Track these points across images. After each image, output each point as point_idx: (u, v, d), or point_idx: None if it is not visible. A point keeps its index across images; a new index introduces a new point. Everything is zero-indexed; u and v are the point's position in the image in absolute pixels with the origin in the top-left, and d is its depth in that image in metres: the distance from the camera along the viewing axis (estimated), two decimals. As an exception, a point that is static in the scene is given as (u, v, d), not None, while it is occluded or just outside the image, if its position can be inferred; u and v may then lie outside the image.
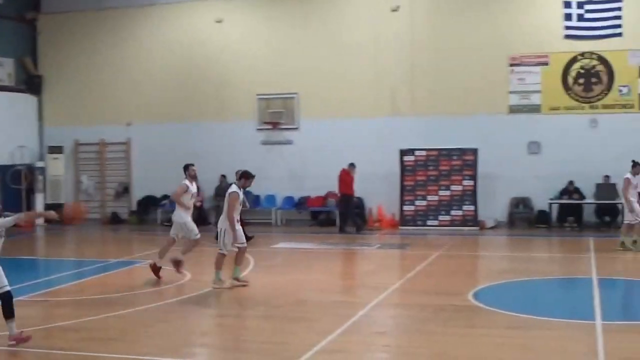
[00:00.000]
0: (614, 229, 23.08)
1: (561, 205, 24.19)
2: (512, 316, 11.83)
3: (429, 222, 25.10)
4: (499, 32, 24.87)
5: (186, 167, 15.92)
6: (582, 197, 23.83)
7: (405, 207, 25.44)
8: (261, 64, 27.14)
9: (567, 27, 24.04)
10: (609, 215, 23.73)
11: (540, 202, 24.46)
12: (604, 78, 24.21)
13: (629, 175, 18.92)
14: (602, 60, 24.21)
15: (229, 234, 14.35)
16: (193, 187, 15.79)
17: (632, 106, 23.97)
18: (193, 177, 15.87)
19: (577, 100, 24.40)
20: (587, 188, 23.80)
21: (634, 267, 17.51)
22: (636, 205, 18.82)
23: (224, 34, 27.55)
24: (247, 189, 15.35)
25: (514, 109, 24.85)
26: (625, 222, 19.28)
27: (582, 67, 24.37)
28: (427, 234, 23.86)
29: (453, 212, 24.98)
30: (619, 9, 23.51)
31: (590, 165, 23.70)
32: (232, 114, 27.42)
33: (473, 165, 24.81)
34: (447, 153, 25.13)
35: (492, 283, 14.92)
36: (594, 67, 24.29)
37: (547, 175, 24.11)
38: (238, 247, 14.52)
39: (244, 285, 14.54)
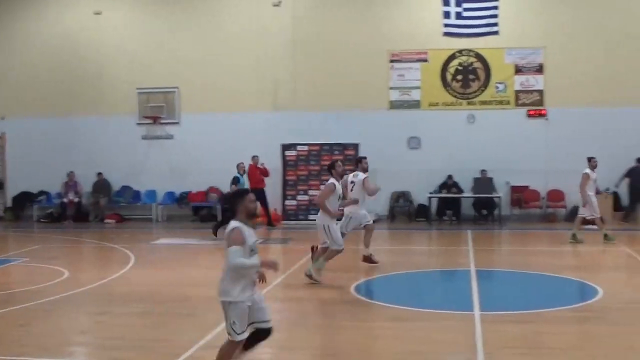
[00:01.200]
0: (491, 221, 23.74)
1: (440, 199, 24.68)
2: (394, 308, 11.97)
3: (311, 217, 25.16)
4: (379, 28, 25.17)
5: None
6: (461, 191, 24.38)
7: (288, 202, 25.49)
8: (141, 57, 26.66)
9: (446, 25, 24.51)
10: (486, 208, 24.33)
11: (420, 196, 24.90)
12: (481, 75, 24.82)
13: (587, 171, 19.14)
14: (480, 57, 24.82)
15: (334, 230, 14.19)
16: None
17: (508, 102, 24.66)
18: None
19: (455, 96, 24.94)
20: (465, 182, 24.37)
21: (510, 259, 18.00)
22: (594, 199, 19.18)
23: (103, 26, 26.93)
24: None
25: (395, 105, 25.21)
26: (579, 215, 19.45)
27: (460, 64, 24.92)
28: (310, 228, 23.91)
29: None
30: (496, 7, 24.11)
31: (468, 160, 24.27)
32: (111, 108, 26.83)
33: (354, 160, 25.01)
34: (329, 148, 25.30)
35: (374, 276, 15.07)
36: (471, 64, 24.87)
37: (427, 170, 24.57)
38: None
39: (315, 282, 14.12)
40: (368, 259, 15.93)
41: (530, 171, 24.16)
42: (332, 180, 14.26)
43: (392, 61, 25.15)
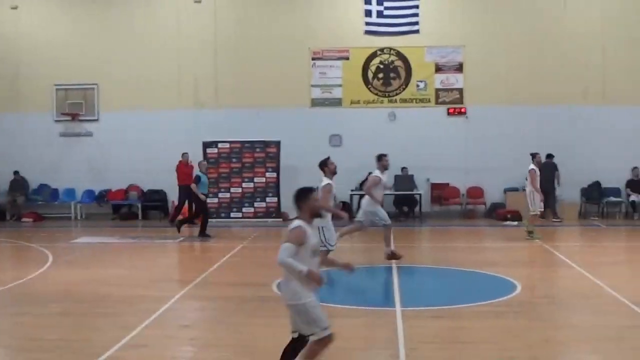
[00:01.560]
0: (412, 218, 23.98)
1: (361, 196, 24.77)
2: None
3: (233, 215, 25.12)
4: (301, 25, 25.21)
5: (379, 158, 16.03)
6: (382, 188, 24.53)
7: (209, 200, 25.29)
8: (59, 53, 26.15)
9: (367, 23, 24.71)
10: (407, 205, 24.58)
11: (342, 194, 24.97)
12: (402, 73, 25.06)
13: (533, 167, 19.34)
14: (401, 56, 25.05)
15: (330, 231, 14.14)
16: (384, 178, 15.98)
17: (428, 100, 24.96)
18: (385, 167, 15.97)
19: (376, 94, 25.13)
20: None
21: (431, 255, 18.23)
22: (538, 195, 19.44)
23: (20, 21, 26.34)
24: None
25: (316, 102, 25.28)
26: (531, 213, 19.62)
27: (381, 63, 25.12)
28: (231, 226, 23.85)
29: (256, 204, 25.13)
30: (417, 6, 24.43)
31: (388, 157, 24.38)
32: (28, 104, 26.26)
33: (276, 158, 25.04)
34: (251, 145, 25.23)
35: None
36: (392, 62, 25.09)
37: (348, 167, 24.56)
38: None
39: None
40: (392, 255, 15.89)
41: (450, 168, 24.50)
42: (326, 180, 14.13)
43: (314, 59, 25.22)
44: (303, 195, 7.87)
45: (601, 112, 24.11)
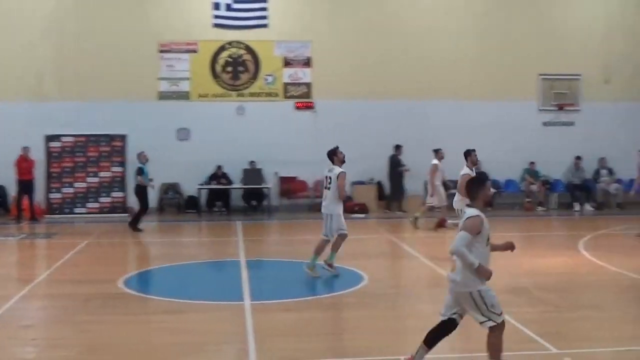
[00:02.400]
0: (261, 212, 24.01)
1: (210, 191, 24.67)
2: (165, 301, 11.84)
3: (77, 210, 24.45)
4: (149, 17, 24.74)
5: (468, 153, 15.50)
6: (230, 182, 24.49)
7: (52, 195, 24.55)
8: None
9: (216, 16, 24.55)
10: (255, 199, 24.60)
11: (190, 188, 24.78)
12: (251, 67, 25.03)
13: (435, 162, 19.90)
14: (249, 49, 25.01)
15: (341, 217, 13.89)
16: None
17: (277, 95, 25.04)
18: (474, 163, 15.42)
19: (225, 88, 24.99)
20: (235, 173, 24.50)
21: (280, 248, 18.30)
22: (442, 189, 19.91)
23: None
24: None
25: (164, 96, 24.89)
26: (427, 204, 20.30)
27: (230, 56, 25.00)
28: (75, 222, 23.20)
29: (102, 199, 24.56)
30: (265, 0, 24.45)
31: (237, 151, 24.40)
32: None
33: (122, 152, 24.54)
34: (96, 139, 24.62)
35: (144, 269, 14.84)
36: (241, 56, 25.01)
37: (196, 161, 24.46)
38: (340, 234, 13.89)
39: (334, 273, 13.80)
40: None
41: (299, 162, 24.65)
42: (340, 169, 14.19)
43: (161, 51, 24.81)
44: (479, 182, 7.79)
45: (448, 107, 24.84)
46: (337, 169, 14.16)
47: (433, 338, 8.06)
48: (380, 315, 11.18)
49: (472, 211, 7.63)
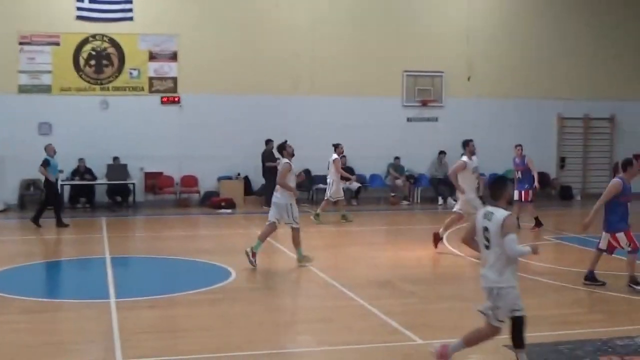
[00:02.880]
0: (126, 208, 23.58)
1: (73, 186, 24.03)
2: (28, 300, 11.48)
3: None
4: (8, 8, 23.81)
5: (466, 143, 15.84)
6: (94, 177, 23.93)
7: None
8: None
9: (79, 9, 23.91)
10: (120, 195, 24.13)
11: (52, 183, 24.05)
12: (115, 60, 24.52)
13: (336, 156, 20.31)
14: (114, 43, 24.48)
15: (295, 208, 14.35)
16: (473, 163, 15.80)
17: (142, 89, 24.62)
18: (472, 153, 15.73)
19: (88, 81, 24.37)
20: (99, 169, 23.94)
21: (146, 245, 18.03)
22: (337, 185, 20.26)
23: None
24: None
25: (24, 89, 24.05)
26: (326, 198, 20.75)
27: (93, 49, 24.40)
28: None
29: (-42, 195, 23.61)
30: (130, -7, 24.01)
31: (101, 147, 23.87)
32: None
33: (-20, 146, 23.63)
34: (-48, 133, 23.61)
35: (4, 268, 14.32)
36: (105, 49, 24.45)
37: (58, 156, 23.73)
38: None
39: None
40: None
41: (164, 157, 24.35)
42: (285, 160, 14.33)
43: (21, 43, 23.96)
44: (502, 184, 8.27)
45: (310, 102, 25.04)
46: (283, 161, 14.53)
47: (519, 337, 8.28)
48: (248, 310, 11.19)
49: (503, 211, 8.03)
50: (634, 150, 27.52)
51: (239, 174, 24.73)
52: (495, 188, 8.27)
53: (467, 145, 15.87)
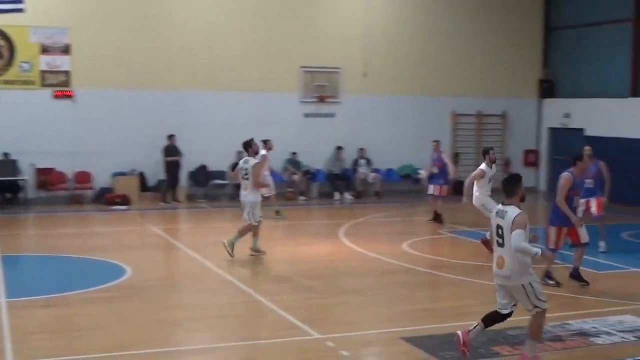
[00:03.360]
0: (17, 205, 22.92)
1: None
2: None
3: None
4: None
5: (486, 152, 16.27)
6: (-19, 174, 23.17)
7: None
8: None
9: (-33, -1, 23.09)
10: (10, 192, 23.44)
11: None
12: (6, 53, 23.77)
13: (264, 152, 19.66)
14: (3, 35, 23.73)
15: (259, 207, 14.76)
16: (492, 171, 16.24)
17: (33, 82, 23.92)
18: (492, 162, 16.12)
19: (-28, 74, 23.57)
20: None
21: (38, 242, 17.60)
22: (270, 178, 20.28)
23: None
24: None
25: None
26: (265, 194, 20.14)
27: (-17, 41, 23.62)
28: None
29: None
30: (20, -17, 23.29)
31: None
32: None
33: None
34: None
35: None
36: (-6, 41, 23.71)
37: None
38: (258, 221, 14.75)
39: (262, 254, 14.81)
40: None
41: (57, 153, 23.72)
42: (254, 159, 14.87)
43: None
44: (517, 181, 8.55)
45: (208, 97, 24.82)
46: (252, 161, 14.80)
47: (492, 321, 8.76)
48: (145, 308, 11.05)
49: (515, 209, 8.33)
50: (525, 146, 28.45)
51: (134, 170, 24.34)
52: (509, 186, 8.52)
53: (488, 154, 16.18)
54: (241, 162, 15.08)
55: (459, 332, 8.73)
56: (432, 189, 19.87)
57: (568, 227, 12.32)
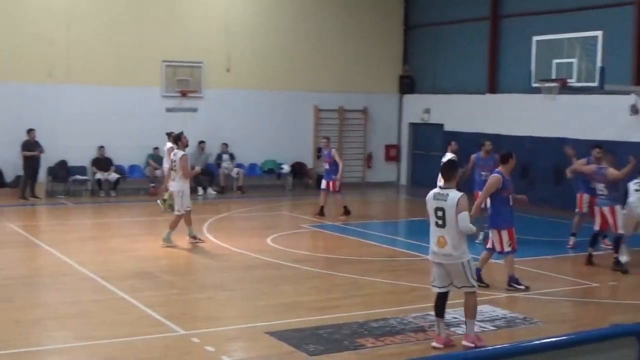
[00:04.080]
0: None
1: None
2: None
3: None
4: None
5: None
6: None
7: None
8: None
9: None
10: None
11: None
12: None
13: (169, 145, 19.88)
14: None
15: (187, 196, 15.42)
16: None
17: None
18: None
19: None
20: None
21: None
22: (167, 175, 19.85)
23: None
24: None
25: None
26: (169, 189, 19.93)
27: None
28: None
29: None
30: None
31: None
32: None
33: None
34: None
35: None
36: None
37: None
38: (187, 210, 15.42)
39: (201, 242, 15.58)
40: None
41: None
42: (182, 152, 15.70)
43: None
44: (454, 167, 9.32)
45: (66, 91, 24.15)
46: (180, 153, 15.65)
47: (442, 308, 9.16)
48: (3, 307, 10.71)
49: (457, 192, 8.94)
50: (386, 141, 29.00)
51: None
52: (448, 170, 9.20)
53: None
54: (172, 154, 16.11)
55: (439, 344, 9.10)
56: (324, 184, 20.04)
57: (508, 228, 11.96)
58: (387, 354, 8.83)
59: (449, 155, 16.23)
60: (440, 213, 8.89)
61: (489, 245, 12.25)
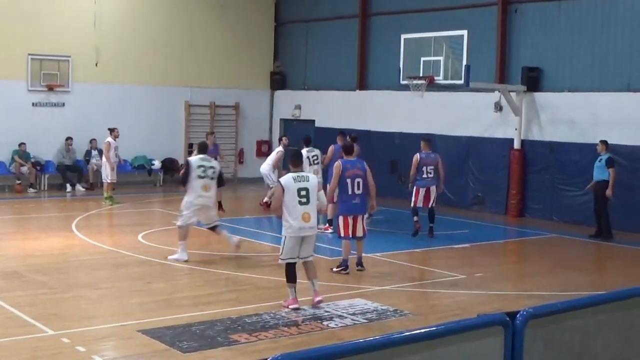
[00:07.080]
0: None
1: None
2: None
3: None
4: None
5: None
6: None
7: None
8: None
9: None
10: None
11: None
12: None
13: (109, 140, 21.14)
14: None
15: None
16: None
17: None
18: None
19: None
20: None
21: None
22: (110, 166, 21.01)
23: None
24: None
25: None
26: (108, 181, 21.29)
27: None
28: None
29: None
30: None
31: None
32: None
33: None
34: None
35: None
36: None
37: None
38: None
39: None
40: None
41: None
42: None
43: None
44: (301, 156, 11.45)
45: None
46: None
47: (294, 275, 10.51)
48: None
49: (313, 175, 11.17)
50: (258, 136, 29.10)
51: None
52: (297, 159, 10.88)
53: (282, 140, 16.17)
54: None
55: (294, 305, 10.47)
56: None
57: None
58: (261, 349, 8.89)
59: (278, 149, 20.35)
60: (304, 192, 10.36)
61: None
